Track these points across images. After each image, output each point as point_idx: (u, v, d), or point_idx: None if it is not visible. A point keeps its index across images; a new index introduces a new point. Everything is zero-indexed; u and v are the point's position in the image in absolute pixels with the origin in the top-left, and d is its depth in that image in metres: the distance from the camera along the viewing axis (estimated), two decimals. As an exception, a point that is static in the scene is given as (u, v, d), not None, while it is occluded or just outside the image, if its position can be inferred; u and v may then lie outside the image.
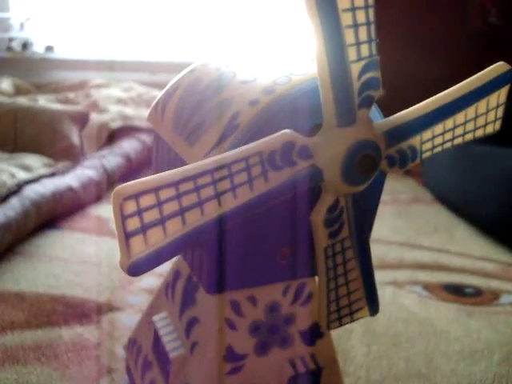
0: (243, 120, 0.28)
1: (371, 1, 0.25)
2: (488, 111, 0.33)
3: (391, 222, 0.88)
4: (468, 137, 0.33)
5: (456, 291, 0.66)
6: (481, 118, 0.33)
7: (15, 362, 0.48)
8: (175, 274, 0.41)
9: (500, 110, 0.34)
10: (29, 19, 1.51)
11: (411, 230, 0.85)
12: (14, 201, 0.69)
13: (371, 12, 0.25)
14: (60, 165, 0.86)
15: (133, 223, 0.24)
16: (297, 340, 0.38)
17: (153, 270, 0.26)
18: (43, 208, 0.74)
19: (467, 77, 0.32)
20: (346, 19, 0.25)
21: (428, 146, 0.32)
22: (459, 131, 0.33)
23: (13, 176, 0.73)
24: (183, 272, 0.40)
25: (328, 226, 0.32)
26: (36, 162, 0.81)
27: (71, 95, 1.22)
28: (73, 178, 0.85)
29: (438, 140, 0.32)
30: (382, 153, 0.29)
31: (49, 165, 0.84)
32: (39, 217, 0.74)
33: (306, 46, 0.25)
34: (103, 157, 0.97)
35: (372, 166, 0.28)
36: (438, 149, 0.33)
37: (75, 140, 0.93)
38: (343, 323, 0.36)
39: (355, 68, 0.26)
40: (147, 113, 0.37)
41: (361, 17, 0.25)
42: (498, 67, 0.32)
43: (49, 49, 1.50)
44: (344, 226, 0.32)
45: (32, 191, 0.73)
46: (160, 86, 0.38)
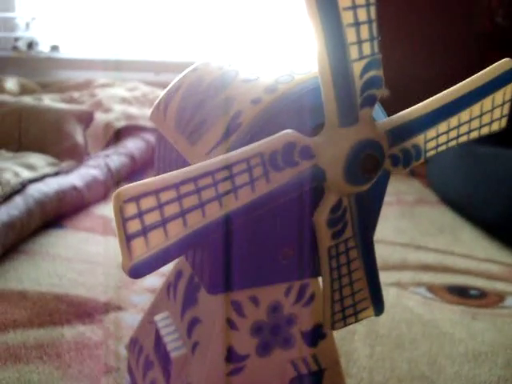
0: (245, 119, 0.28)
1: None
2: (493, 109, 0.33)
3: (395, 223, 0.88)
4: (473, 135, 0.33)
5: (460, 293, 0.66)
6: (486, 116, 0.33)
7: (17, 361, 0.48)
8: (177, 274, 0.41)
9: (506, 108, 0.33)
10: (34, 19, 1.52)
11: (415, 231, 0.85)
12: (18, 200, 0.69)
13: (373, 10, 0.25)
14: (64, 164, 0.86)
15: (134, 225, 0.24)
16: (299, 341, 0.38)
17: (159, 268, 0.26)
18: (47, 207, 0.74)
19: (473, 77, 0.32)
20: (347, 18, 0.25)
21: (432, 145, 0.32)
22: (464, 129, 0.32)
23: (17, 175, 0.73)
24: (185, 272, 0.40)
25: (331, 226, 0.31)
26: (40, 161, 0.82)
27: (76, 94, 1.22)
28: (77, 178, 0.85)
29: (443, 138, 0.32)
30: (385, 152, 0.29)
31: (53, 164, 0.84)
32: (43, 216, 0.74)
33: (308, 45, 0.25)
34: (107, 156, 0.97)
35: (375, 166, 0.28)
36: (443, 147, 0.32)
37: (79, 139, 0.93)
38: (348, 323, 0.35)
39: (357, 67, 0.26)
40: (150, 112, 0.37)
41: (362, 15, 0.25)
42: (503, 64, 0.32)
43: (54, 48, 1.50)
44: (347, 226, 0.32)
45: (36, 190, 0.73)
46: (165, 86, 0.38)
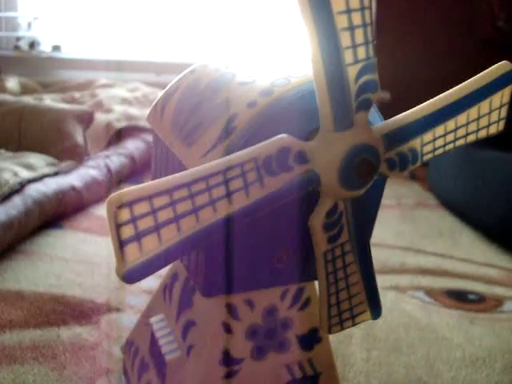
0: (240, 122, 0.28)
1: (367, 2, 0.25)
2: (491, 111, 0.32)
3: (395, 227, 0.88)
4: (471, 138, 0.33)
5: (459, 297, 0.65)
6: (484, 119, 0.32)
7: (12, 362, 0.48)
8: (173, 276, 0.41)
9: (503, 110, 0.33)
10: (36, 18, 1.52)
11: (415, 235, 0.85)
12: (17, 199, 0.69)
13: (367, 14, 0.25)
14: (63, 164, 0.86)
15: (127, 231, 0.24)
16: (294, 345, 0.37)
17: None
18: (45, 207, 0.74)
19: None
20: (342, 22, 0.25)
21: (429, 148, 0.31)
22: (461, 132, 0.32)
23: (16, 175, 0.73)
24: (181, 274, 0.40)
25: (327, 231, 0.31)
26: (39, 161, 0.81)
27: (77, 95, 1.22)
28: (76, 178, 0.85)
29: (440, 142, 0.31)
30: (381, 156, 0.28)
31: (52, 164, 0.84)
32: (42, 216, 0.74)
33: (304, 48, 0.25)
34: (107, 157, 0.97)
35: (370, 171, 0.28)
36: (440, 151, 0.32)
37: (79, 139, 0.93)
38: (345, 327, 0.35)
39: (352, 71, 0.26)
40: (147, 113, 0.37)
41: (356, 19, 0.25)
42: (501, 66, 0.32)
43: (56, 48, 1.51)
44: (343, 230, 0.32)
45: (34, 190, 0.73)
46: (165, 87, 0.37)
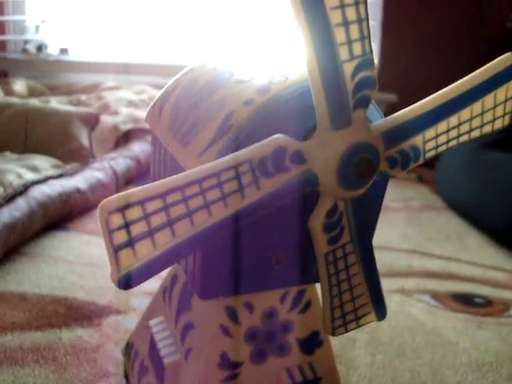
0: (237, 120, 0.27)
1: None
2: (496, 106, 0.31)
3: (402, 229, 0.87)
4: (475, 134, 0.32)
5: (465, 301, 0.64)
6: (488, 114, 0.31)
7: (13, 364, 0.48)
8: (173, 279, 0.40)
9: (509, 105, 0.32)
10: (44, 22, 1.53)
11: (422, 238, 0.84)
12: (20, 201, 0.69)
13: (362, 9, 0.24)
14: (68, 166, 0.86)
15: (120, 236, 0.24)
16: (294, 348, 0.37)
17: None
18: (50, 209, 0.74)
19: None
20: (335, 17, 0.24)
21: (431, 145, 0.30)
22: (465, 128, 0.31)
23: (20, 177, 0.73)
24: (180, 276, 0.39)
25: (327, 232, 0.31)
26: (44, 163, 0.81)
27: (83, 97, 1.23)
28: (81, 180, 0.85)
29: (442, 138, 0.30)
30: (381, 155, 0.28)
31: (57, 166, 0.84)
32: (45, 218, 0.74)
33: (300, 46, 0.24)
34: (112, 159, 0.97)
35: (369, 169, 0.27)
36: (443, 147, 0.31)
37: (85, 142, 0.93)
38: (349, 329, 0.34)
39: (348, 68, 0.25)
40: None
41: (351, 14, 0.24)
42: (505, 59, 0.31)
43: (63, 51, 1.51)
44: (344, 231, 0.31)
45: (39, 192, 0.73)
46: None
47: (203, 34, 1.39)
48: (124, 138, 1.10)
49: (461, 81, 0.30)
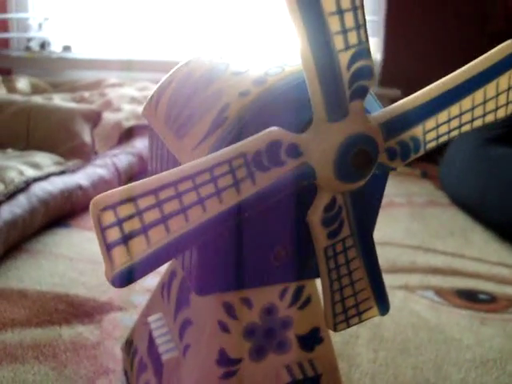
0: (232, 112, 0.27)
1: None
2: (498, 94, 0.30)
3: (406, 225, 0.86)
4: (477, 123, 0.31)
5: (469, 297, 0.64)
6: (490, 103, 0.30)
7: (13, 361, 0.48)
8: (171, 275, 0.40)
9: None
10: (47, 19, 1.53)
11: (426, 234, 0.83)
12: (22, 198, 0.69)
13: None
14: (70, 163, 0.86)
15: (113, 234, 0.23)
16: (294, 345, 0.36)
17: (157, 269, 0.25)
18: (51, 206, 0.74)
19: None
20: (329, 6, 0.23)
21: (432, 136, 0.30)
22: (467, 118, 0.30)
23: (21, 173, 0.72)
24: (179, 272, 0.39)
25: (326, 226, 0.30)
26: (46, 160, 0.81)
27: (86, 94, 1.23)
28: (83, 177, 0.84)
29: (443, 128, 0.30)
30: (379, 146, 0.27)
31: (59, 163, 0.84)
32: (47, 214, 0.73)
33: (294, 36, 0.24)
34: (115, 155, 0.96)
35: (367, 162, 0.27)
36: (444, 138, 0.30)
37: (87, 138, 0.93)
38: (351, 324, 0.34)
39: (344, 57, 0.24)
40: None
41: (345, 2, 0.23)
42: (506, 47, 0.30)
43: (66, 48, 1.51)
44: (344, 225, 0.31)
45: (40, 189, 0.73)
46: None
47: (205, 30, 1.39)
48: (127, 135, 1.10)
49: (461, 70, 0.29)
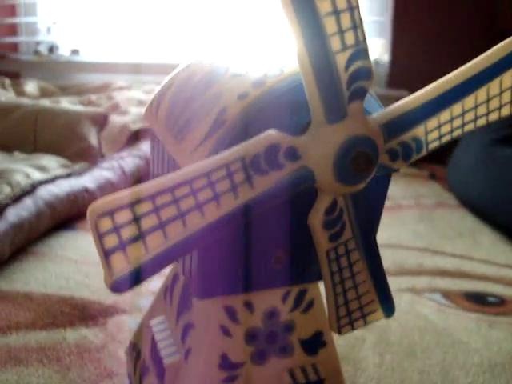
0: (231, 114, 0.27)
1: None
2: (502, 92, 0.30)
3: (413, 227, 0.85)
4: (481, 122, 0.30)
5: (478, 300, 0.63)
6: (494, 101, 0.30)
7: (17, 364, 0.48)
8: (174, 278, 0.40)
9: None
10: (55, 23, 1.54)
11: (434, 235, 0.82)
12: (28, 201, 0.69)
13: None
14: (77, 166, 0.86)
15: (111, 240, 0.23)
16: (297, 349, 0.36)
17: (162, 272, 0.25)
18: (57, 209, 0.74)
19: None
20: (325, 6, 0.23)
21: (434, 136, 0.29)
22: (470, 117, 0.30)
23: (27, 176, 0.73)
24: (181, 275, 0.39)
25: (328, 229, 0.30)
26: (52, 163, 0.82)
27: (94, 97, 1.23)
28: (89, 180, 0.85)
29: (446, 128, 0.29)
30: (380, 148, 0.27)
31: (65, 166, 0.84)
32: (53, 217, 0.74)
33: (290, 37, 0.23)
34: (121, 158, 0.97)
35: (368, 163, 0.26)
36: (447, 137, 0.30)
37: (93, 141, 0.93)
38: (356, 327, 0.33)
39: (341, 58, 0.24)
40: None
41: (341, 2, 0.23)
42: (508, 44, 0.29)
43: (74, 52, 1.52)
44: (346, 228, 0.30)
45: (46, 192, 0.73)
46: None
47: (211, 33, 1.39)
48: (134, 138, 1.10)
49: (463, 68, 0.29)
